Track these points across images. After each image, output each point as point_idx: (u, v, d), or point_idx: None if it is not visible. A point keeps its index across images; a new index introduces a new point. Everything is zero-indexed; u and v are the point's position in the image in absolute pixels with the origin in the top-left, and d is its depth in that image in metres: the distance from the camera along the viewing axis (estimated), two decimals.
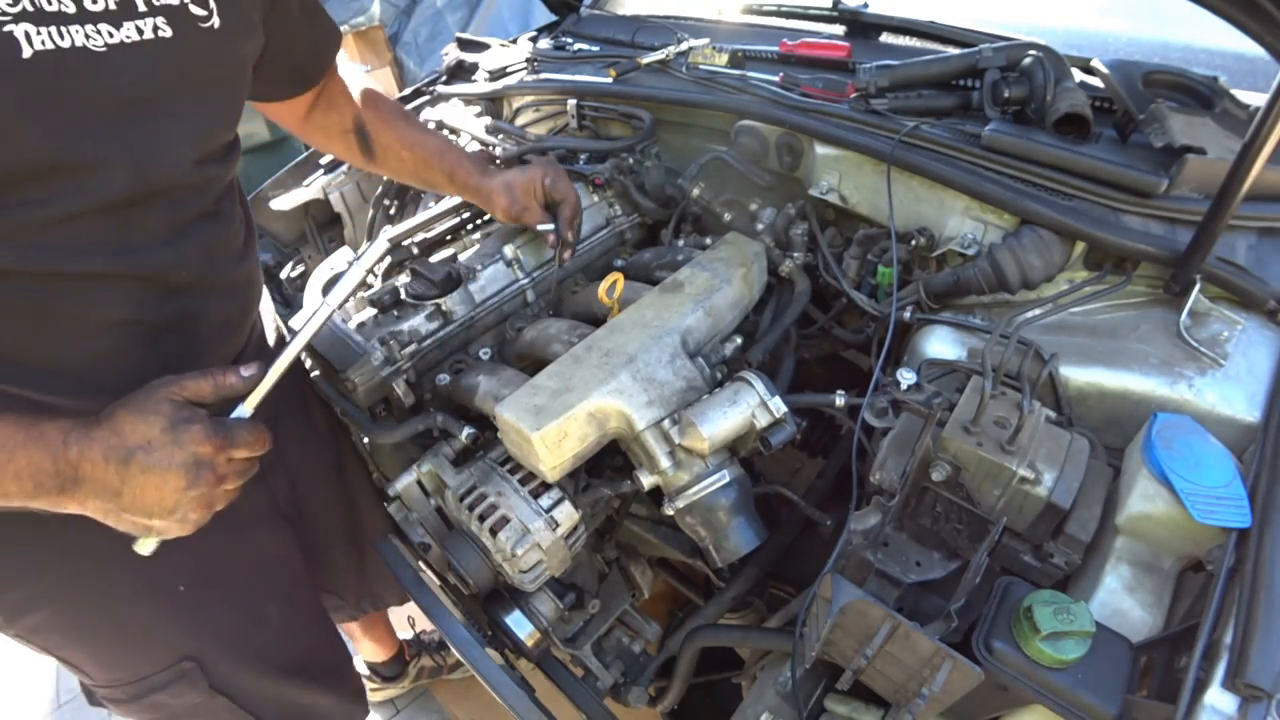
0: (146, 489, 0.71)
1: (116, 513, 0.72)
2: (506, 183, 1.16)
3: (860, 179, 1.14)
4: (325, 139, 1.21)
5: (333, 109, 1.16)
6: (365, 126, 1.17)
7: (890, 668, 0.70)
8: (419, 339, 1.12)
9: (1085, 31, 1.65)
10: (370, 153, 1.20)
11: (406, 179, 1.27)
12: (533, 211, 1.16)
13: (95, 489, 0.70)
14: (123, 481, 0.70)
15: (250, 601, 1.07)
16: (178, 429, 0.72)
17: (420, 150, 1.19)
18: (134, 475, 0.70)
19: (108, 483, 0.70)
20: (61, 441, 0.68)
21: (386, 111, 1.19)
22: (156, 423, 0.72)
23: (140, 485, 0.71)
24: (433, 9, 4.35)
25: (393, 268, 1.34)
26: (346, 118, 1.16)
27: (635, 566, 1.21)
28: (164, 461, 0.71)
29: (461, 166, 1.18)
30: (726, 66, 1.36)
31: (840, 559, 0.79)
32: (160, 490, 0.72)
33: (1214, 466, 0.72)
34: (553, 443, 0.83)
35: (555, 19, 1.92)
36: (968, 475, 0.77)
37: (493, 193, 1.16)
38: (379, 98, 1.20)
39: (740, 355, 1.02)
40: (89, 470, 0.69)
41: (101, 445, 0.70)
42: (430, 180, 1.22)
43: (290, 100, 1.10)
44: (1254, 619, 0.59)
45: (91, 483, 0.70)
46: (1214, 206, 0.80)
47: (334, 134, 1.18)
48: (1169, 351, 0.85)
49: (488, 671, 0.94)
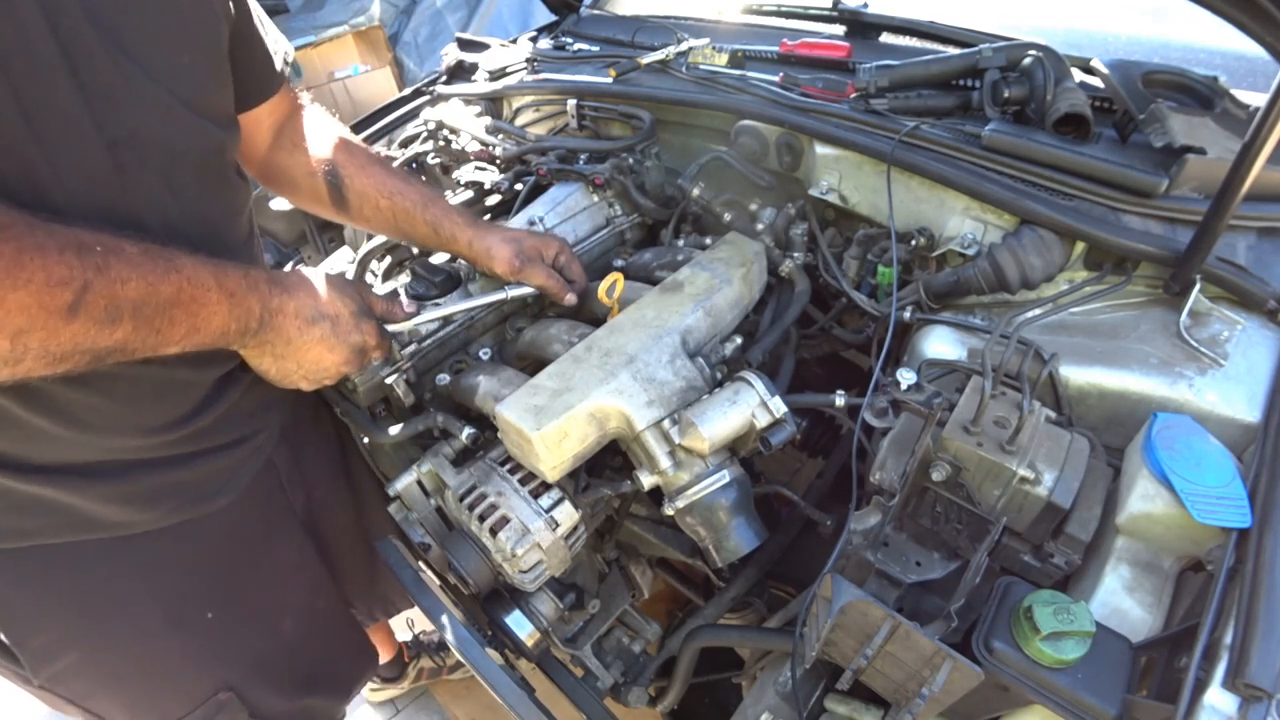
0: (315, 349, 0.85)
1: (279, 357, 0.85)
2: (512, 236, 1.08)
3: (860, 179, 1.14)
4: (289, 184, 1.09)
5: (298, 148, 1.05)
6: (338, 170, 1.06)
7: (890, 668, 0.70)
8: (419, 339, 1.12)
9: (1085, 31, 1.65)
10: (342, 200, 1.08)
11: (382, 230, 1.14)
12: (539, 272, 1.08)
13: (276, 335, 0.82)
14: (300, 335, 0.84)
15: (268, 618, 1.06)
16: (360, 318, 0.90)
17: (401, 199, 1.07)
18: (314, 335, 0.84)
19: (287, 331, 0.83)
20: (268, 291, 0.80)
21: (362, 156, 1.08)
22: (348, 305, 0.88)
23: (311, 344, 0.85)
24: (433, 9, 4.35)
25: (393, 268, 1.34)
26: (316, 158, 1.05)
27: (635, 566, 1.22)
28: (342, 337, 0.87)
29: (449, 219, 1.08)
30: (726, 66, 1.36)
31: (840, 559, 0.79)
32: (325, 356, 0.87)
33: (1214, 466, 0.72)
34: (553, 443, 0.83)
35: (555, 19, 1.92)
36: (968, 475, 0.77)
37: (492, 246, 1.07)
38: (353, 142, 1.10)
39: (740, 355, 1.02)
40: (279, 320, 0.82)
41: (296, 303, 0.83)
42: (411, 233, 1.11)
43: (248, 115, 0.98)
44: (1254, 619, 0.59)
45: (275, 330, 0.82)
46: (1214, 206, 0.80)
47: (300, 177, 1.06)
48: (1169, 351, 0.85)
49: (488, 671, 0.94)
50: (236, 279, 0.76)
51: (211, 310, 0.73)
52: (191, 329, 0.72)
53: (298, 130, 1.05)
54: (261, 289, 0.79)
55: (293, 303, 0.82)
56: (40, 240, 0.59)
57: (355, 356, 0.90)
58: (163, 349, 0.71)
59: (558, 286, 1.09)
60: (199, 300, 0.72)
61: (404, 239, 1.18)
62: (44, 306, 0.59)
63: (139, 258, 0.66)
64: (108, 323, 0.64)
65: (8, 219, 0.58)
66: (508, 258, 1.07)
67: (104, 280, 0.63)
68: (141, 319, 0.67)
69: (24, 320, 0.59)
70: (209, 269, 0.73)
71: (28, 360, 0.61)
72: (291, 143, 1.05)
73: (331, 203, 1.09)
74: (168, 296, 0.68)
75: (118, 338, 0.66)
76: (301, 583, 1.13)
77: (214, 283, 0.73)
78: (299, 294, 0.83)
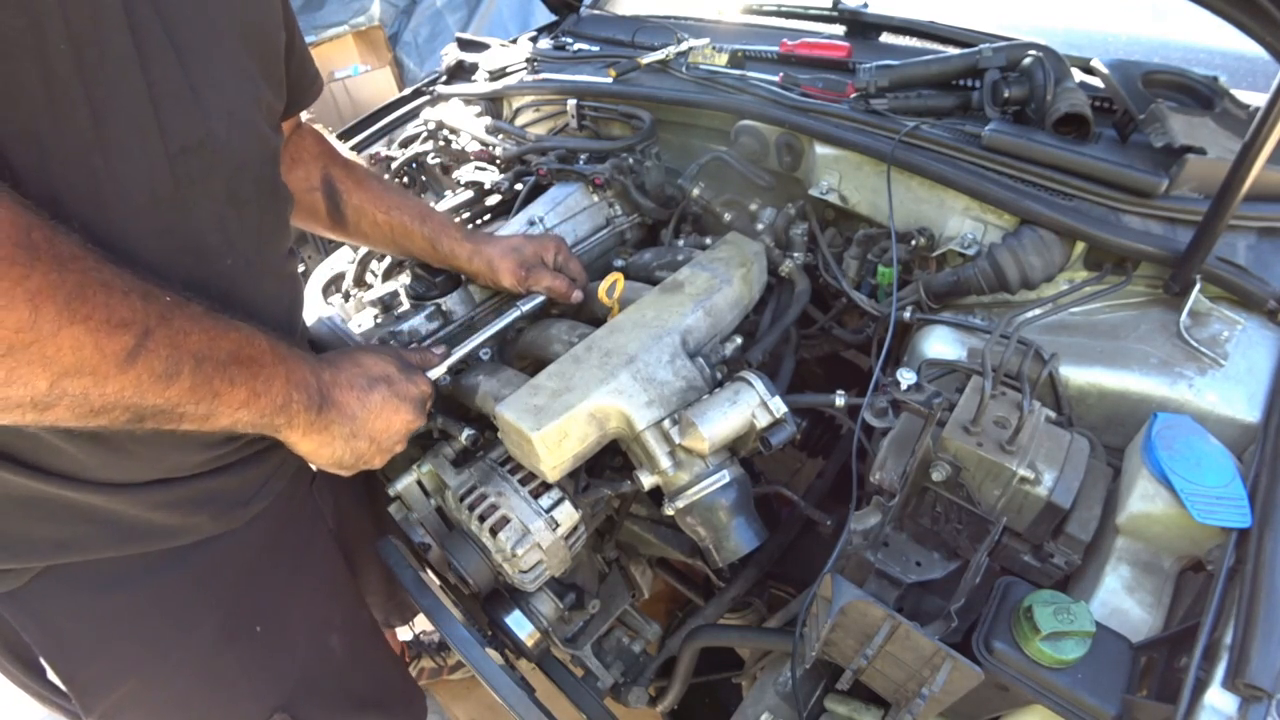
0: (381, 416, 0.82)
1: (349, 437, 0.80)
2: (511, 246, 1.09)
3: (860, 179, 1.14)
4: None
5: (298, 164, 1.04)
6: (335, 184, 1.06)
7: (890, 668, 0.70)
8: (419, 339, 1.12)
9: (1085, 31, 1.65)
10: (339, 216, 1.08)
11: (378, 245, 1.14)
12: (542, 276, 1.09)
13: (338, 414, 0.78)
14: (363, 406, 0.80)
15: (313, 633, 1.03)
16: (409, 372, 0.87)
17: (399, 214, 1.08)
18: (374, 402, 0.81)
19: (349, 407, 0.79)
20: (315, 362, 0.77)
21: (359, 172, 1.09)
22: (393, 363, 0.86)
23: (377, 412, 0.81)
24: (433, 9, 4.35)
25: (393, 268, 1.34)
26: (314, 174, 1.05)
27: (635, 566, 1.22)
28: (402, 393, 0.84)
29: (446, 233, 1.09)
30: (726, 66, 1.36)
31: (840, 559, 0.78)
32: (392, 418, 0.83)
33: (1214, 466, 0.72)
34: (553, 443, 0.83)
35: (555, 19, 1.92)
36: (968, 475, 0.77)
37: (494, 259, 1.08)
38: (350, 159, 1.10)
39: (740, 355, 1.01)
40: (337, 395, 0.78)
41: (346, 374, 0.80)
42: (409, 247, 1.12)
43: None
44: (1254, 619, 0.59)
45: (337, 408, 0.78)
46: (1214, 206, 0.80)
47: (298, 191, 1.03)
48: (1169, 351, 0.85)
49: (488, 671, 0.94)
50: (286, 345, 0.73)
51: (270, 374, 0.69)
52: (251, 394, 0.68)
53: (296, 146, 1.04)
54: (309, 360, 0.76)
55: (343, 374, 0.79)
56: (107, 278, 0.56)
57: (419, 410, 0.87)
58: (215, 418, 0.66)
59: (564, 288, 1.10)
60: (258, 361, 0.68)
61: (402, 254, 1.18)
62: (99, 348, 0.54)
63: (201, 314, 0.64)
64: (165, 376, 0.59)
65: (79, 251, 0.55)
66: (512, 269, 1.08)
67: (167, 329, 0.59)
68: (201, 376, 0.62)
69: (73, 360, 0.53)
70: (260, 332, 0.70)
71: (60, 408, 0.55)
72: (290, 158, 1.03)
73: (329, 217, 1.08)
74: (228, 352, 0.65)
75: (170, 395, 0.61)
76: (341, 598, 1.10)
77: (267, 344, 0.70)
78: (343, 365, 0.81)
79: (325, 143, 1.08)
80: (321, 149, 1.07)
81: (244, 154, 0.73)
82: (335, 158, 1.08)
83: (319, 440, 0.77)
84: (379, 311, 1.16)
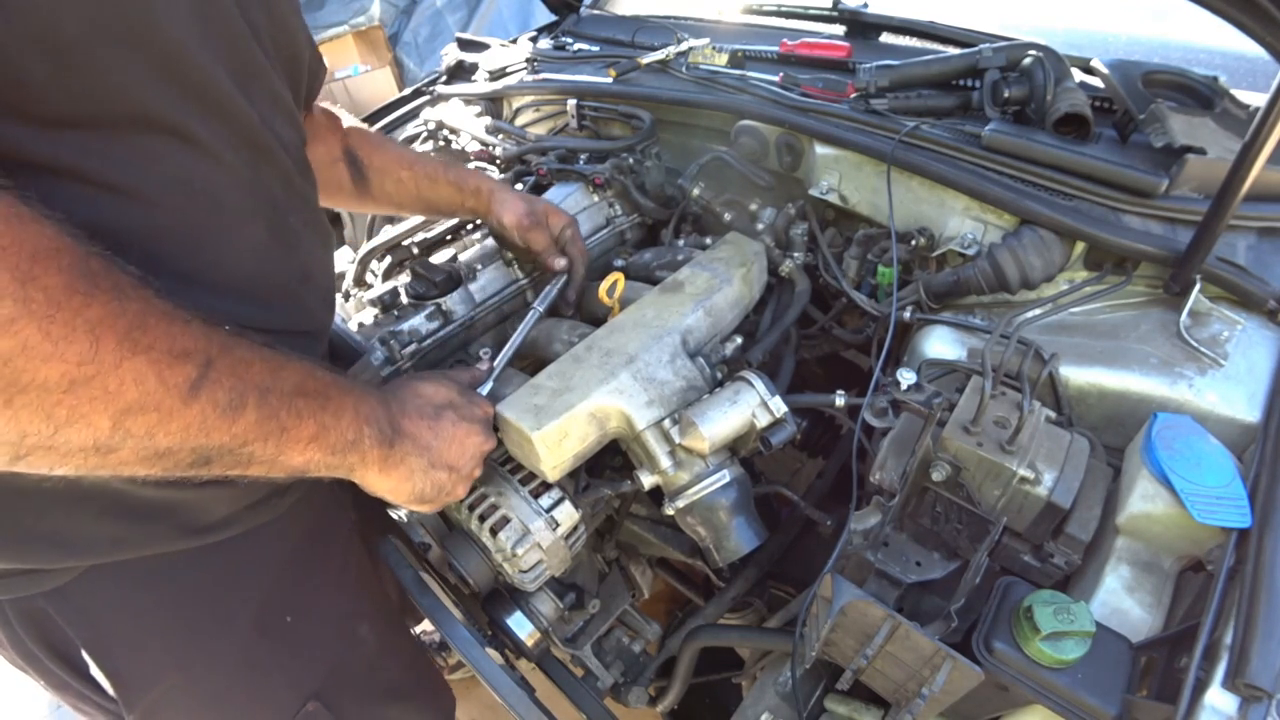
0: (455, 441, 0.79)
1: (426, 469, 0.77)
2: (527, 197, 1.11)
3: (860, 179, 1.14)
4: None
5: (317, 140, 1.07)
6: (355, 151, 1.10)
7: (890, 668, 0.70)
8: (419, 339, 1.12)
9: (1085, 31, 1.65)
10: (363, 179, 1.11)
11: (406, 202, 1.17)
12: (543, 235, 1.10)
13: (412, 445, 0.75)
14: (435, 435, 0.77)
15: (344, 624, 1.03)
16: (469, 395, 0.85)
17: (421, 167, 1.11)
18: (445, 428, 0.78)
19: (421, 437, 0.76)
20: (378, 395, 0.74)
21: (376, 137, 1.13)
22: (454, 389, 0.83)
23: (450, 438, 0.79)
24: (433, 9, 4.35)
25: (393, 268, 1.34)
26: (334, 147, 1.09)
27: (635, 566, 1.22)
28: (469, 417, 0.81)
29: (471, 175, 1.11)
30: (726, 66, 1.36)
31: (840, 559, 0.79)
32: (465, 443, 0.80)
33: (1214, 466, 0.72)
34: (553, 442, 0.83)
35: (555, 19, 1.92)
36: (968, 475, 0.77)
37: (508, 199, 1.10)
38: (363, 127, 1.14)
39: (740, 355, 1.01)
40: (407, 425, 0.75)
41: (412, 404, 0.77)
42: (434, 197, 1.14)
43: None
44: (1254, 619, 0.59)
45: (409, 439, 0.75)
46: (1214, 206, 0.80)
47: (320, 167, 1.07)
48: (1169, 351, 0.85)
49: (488, 671, 0.94)
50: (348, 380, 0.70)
51: (338, 405, 0.67)
52: (320, 428, 0.65)
53: (312, 125, 1.08)
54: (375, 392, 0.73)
55: (409, 405, 0.77)
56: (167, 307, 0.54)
57: (489, 431, 0.84)
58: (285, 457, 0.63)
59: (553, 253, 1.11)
60: (323, 393, 0.66)
61: (427, 208, 1.19)
62: (162, 380, 0.53)
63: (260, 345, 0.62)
64: (229, 409, 0.57)
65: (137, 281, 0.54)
66: (520, 213, 1.09)
67: (229, 359, 0.57)
68: (266, 408, 0.60)
69: (136, 395, 0.51)
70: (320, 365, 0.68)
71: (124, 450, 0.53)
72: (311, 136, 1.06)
73: (353, 184, 1.11)
74: (293, 384, 0.63)
75: (237, 431, 0.58)
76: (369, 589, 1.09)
77: (330, 378, 0.68)
78: (405, 396, 0.78)
79: (337, 117, 1.12)
80: (334, 123, 1.11)
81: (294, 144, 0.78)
82: (350, 129, 1.11)
83: (397, 476, 0.74)
84: (379, 311, 1.16)
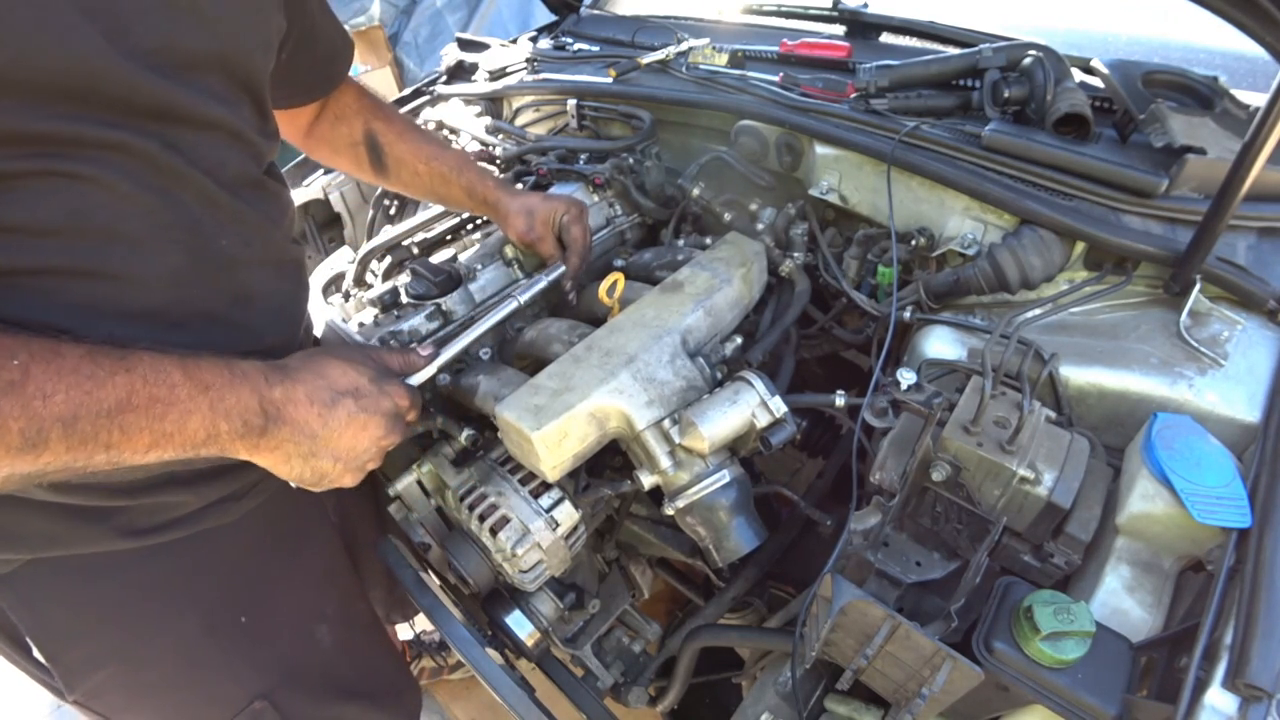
0: (347, 433, 0.74)
1: (307, 456, 0.73)
2: (528, 207, 1.12)
3: (860, 179, 1.14)
4: (331, 152, 1.16)
5: (341, 121, 1.11)
6: (378, 138, 1.13)
7: (890, 668, 0.70)
8: (419, 339, 1.12)
9: (1085, 31, 1.65)
10: (382, 166, 1.14)
11: (419, 194, 1.21)
12: (547, 242, 1.12)
13: (294, 431, 0.71)
14: (323, 424, 0.72)
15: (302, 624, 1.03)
16: (383, 382, 0.78)
17: (438, 164, 1.13)
18: (338, 417, 0.73)
19: (307, 425, 0.72)
20: (264, 380, 0.69)
21: (400, 124, 1.15)
22: (365, 373, 0.77)
23: (342, 428, 0.74)
24: (433, 9, 4.35)
25: (393, 268, 1.34)
26: (356, 129, 1.12)
27: (635, 566, 1.22)
28: (371, 408, 0.76)
29: (483, 183, 1.14)
30: (726, 66, 1.36)
31: (840, 559, 0.79)
32: (359, 435, 0.75)
33: (1214, 466, 0.72)
34: (553, 442, 0.83)
35: (555, 19, 1.92)
36: (968, 475, 0.77)
37: (510, 214, 1.12)
38: (390, 110, 1.16)
39: (740, 355, 1.01)
40: (291, 412, 0.71)
41: (306, 387, 0.72)
42: (447, 196, 1.17)
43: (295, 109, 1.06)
44: (1254, 619, 0.59)
45: (290, 425, 0.71)
46: (1214, 206, 0.80)
47: (342, 147, 1.13)
48: (1169, 351, 0.85)
49: (488, 671, 0.94)
50: (215, 371, 0.66)
51: (184, 410, 0.63)
52: (160, 435, 0.62)
53: (338, 103, 1.11)
54: (254, 379, 0.69)
55: (302, 388, 0.72)
56: None
57: (393, 426, 0.79)
58: (128, 460, 0.62)
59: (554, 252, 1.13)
60: (161, 400, 0.62)
61: (440, 201, 1.24)
62: None
63: (77, 362, 0.58)
64: (27, 449, 0.54)
65: None
66: (520, 230, 1.12)
67: (15, 399, 0.53)
68: (76, 437, 0.57)
69: None
70: (175, 362, 0.64)
71: None
72: (335, 115, 1.11)
73: (373, 168, 1.15)
74: (112, 403, 0.59)
75: (46, 461, 0.56)
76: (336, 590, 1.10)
77: (181, 377, 0.63)
78: (305, 377, 0.73)
79: (365, 98, 1.14)
80: (362, 104, 1.12)
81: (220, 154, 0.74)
82: (376, 112, 1.13)
83: (273, 459, 0.72)
84: (379, 311, 1.16)
